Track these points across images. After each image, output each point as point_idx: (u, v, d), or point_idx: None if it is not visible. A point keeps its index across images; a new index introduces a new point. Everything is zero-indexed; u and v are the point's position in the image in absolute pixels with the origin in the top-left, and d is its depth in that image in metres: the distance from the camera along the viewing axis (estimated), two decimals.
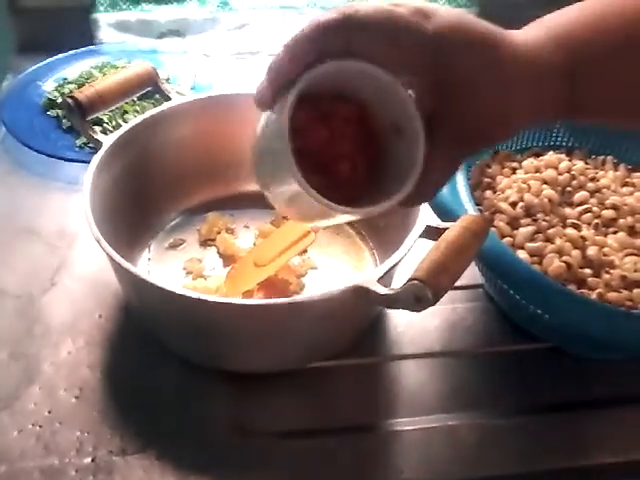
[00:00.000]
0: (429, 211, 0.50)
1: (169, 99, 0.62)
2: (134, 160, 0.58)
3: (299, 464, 0.46)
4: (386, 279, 0.45)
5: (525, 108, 0.37)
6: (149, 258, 0.60)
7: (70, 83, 0.80)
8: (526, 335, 0.54)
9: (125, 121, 0.73)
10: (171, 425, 0.47)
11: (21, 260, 0.60)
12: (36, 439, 0.46)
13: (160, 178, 0.61)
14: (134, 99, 0.73)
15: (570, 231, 0.53)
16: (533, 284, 0.47)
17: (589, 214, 0.56)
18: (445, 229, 0.43)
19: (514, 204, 0.55)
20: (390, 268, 0.45)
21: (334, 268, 0.60)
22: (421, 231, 0.47)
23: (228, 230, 0.62)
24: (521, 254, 0.52)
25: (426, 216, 0.49)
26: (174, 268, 0.59)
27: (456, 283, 0.40)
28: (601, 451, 0.48)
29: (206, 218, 0.62)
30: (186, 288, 0.54)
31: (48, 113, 0.78)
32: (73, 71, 0.83)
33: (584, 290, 0.50)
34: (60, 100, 0.77)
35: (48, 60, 0.85)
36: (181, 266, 0.59)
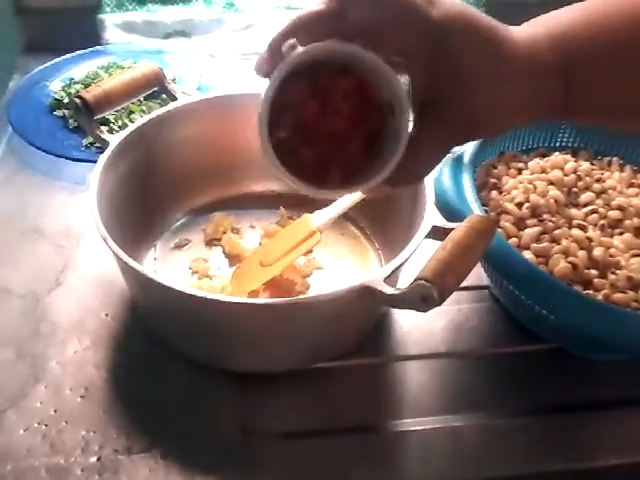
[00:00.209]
0: (435, 211, 0.50)
1: (175, 99, 0.62)
2: (140, 160, 0.58)
3: (303, 464, 0.46)
4: (392, 279, 0.45)
5: (519, 104, 0.37)
6: (155, 258, 0.60)
7: (77, 83, 0.80)
8: (531, 336, 0.54)
9: (131, 121, 0.73)
10: (177, 424, 0.47)
11: (27, 259, 0.60)
12: (42, 438, 0.46)
13: (166, 178, 0.61)
14: (140, 99, 0.74)
15: (576, 232, 0.53)
16: (539, 285, 0.47)
17: (595, 215, 0.55)
18: (451, 229, 0.43)
19: (520, 205, 0.55)
20: (396, 268, 0.45)
21: (340, 268, 0.60)
22: (427, 231, 0.47)
23: (234, 230, 0.62)
24: (527, 255, 0.52)
25: (432, 216, 0.48)
26: (180, 268, 0.59)
27: (462, 284, 0.40)
28: (606, 453, 0.48)
29: (212, 218, 0.62)
30: (192, 288, 0.54)
31: (54, 113, 0.78)
32: (79, 71, 0.84)
33: (590, 291, 0.50)
34: (66, 100, 0.78)
35: (54, 60, 0.85)
36: (187, 266, 0.59)
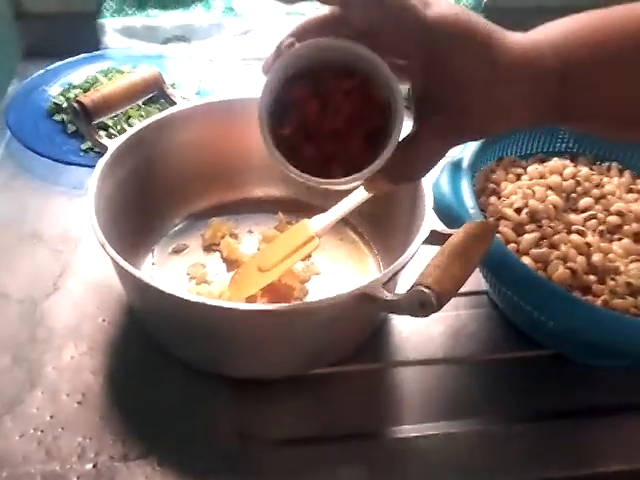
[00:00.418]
0: (434, 217, 0.50)
1: (174, 104, 0.62)
2: (139, 164, 0.58)
3: (302, 471, 0.45)
4: (390, 284, 0.45)
5: (516, 108, 0.38)
6: (153, 263, 0.60)
7: (75, 88, 0.80)
8: (530, 342, 0.54)
9: (130, 126, 0.73)
10: (174, 430, 0.47)
11: (25, 264, 0.60)
12: (38, 444, 0.46)
13: (164, 183, 0.61)
14: (139, 104, 0.73)
15: (575, 237, 0.53)
16: (537, 290, 0.47)
17: (594, 220, 0.55)
18: (450, 235, 0.43)
19: (519, 210, 0.55)
20: (394, 273, 0.45)
21: (338, 273, 0.60)
22: (426, 236, 0.47)
23: (232, 235, 0.62)
24: (526, 260, 0.52)
25: (431, 221, 0.48)
26: (178, 273, 0.59)
27: (460, 289, 0.40)
28: (606, 459, 0.48)
29: (210, 223, 0.62)
30: (189, 293, 0.54)
31: (53, 118, 0.78)
32: (78, 76, 0.84)
33: (589, 297, 0.50)
34: (65, 105, 0.78)
35: (54, 65, 0.86)
36: (185, 271, 0.59)
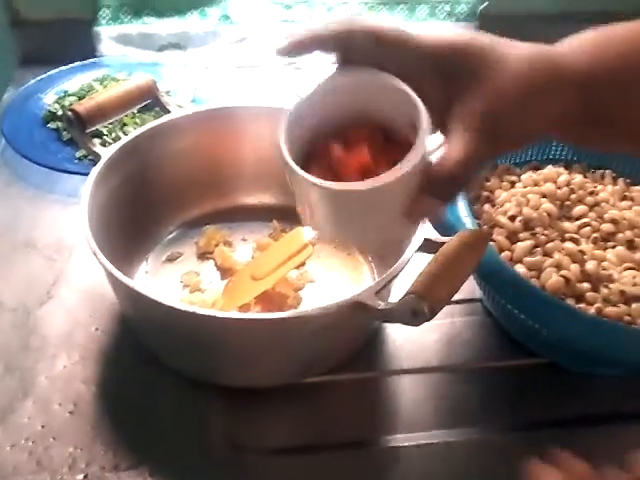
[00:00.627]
0: (427, 225, 0.49)
1: (168, 112, 0.62)
2: (133, 172, 0.58)
3: None
4: (384, 293, 0.44)
5: (543, 114, 0.37)
6: (146, 271, 0.59)
7: (71, 95, 0.80)
8: (524, 350, 0.53)
9: (125, 133, 0.73)
10: (166, 440, 0.47)
11: (18, 272, 0.60)
12: (29, 454, 0.45)
13: (158, 191, 0.61)
14: (134, 111, 0.74)
15: (569, 245, 0.53)
16: (531, 299, 0.47)
17: (588, 228, 0.55)
18: (443, 243, 0.43)
19: (513, 218, 0.55)
20: (387, 282, 0.45)
21: (332, 282, 0.59)
22: (419, 245, 0.47)
23: (226, 243, 0.62)
24: (519, 268, 0.51)
25: (424, 230, 0.48)
26: (171, 281, 0.58)
27: (454, 297, 0.40)
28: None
29: (204, 231, 0.62)
30: (183, 301, 0.54)
31: (48, 125, 0.78)
32: (74, 84, 0.84)
33: (582, 305, 0.50)
34: (60, 112, 0.78)
35: (49, 73, 0.85)
36: (178, 279, 0.59)
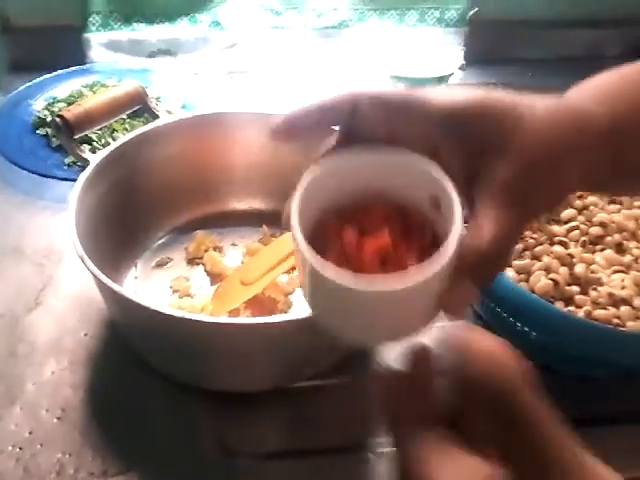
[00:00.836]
0: None
1: (157, 117, 0.62)
2: (121, 178, 0.58)
3: None
4: None
5: (565, 174, 0.33)
6: (136, 276, 0.59)
7: (60, 102, 0.80)
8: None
9: (114, 139, 0.73)
10: (155, 446, 0.47)
11: (6, 278, 0.60)
12: (16, 461, 0.45)
13: (147, 196, 0.61)
14: (124, 117, 0.74)
15: (557, 248, 0.53)
16: (519, 302, 0.47)
17: (576, 231, 0.56)
18: None
19: None
20: None
21: None
22: None
23: (215, 248, 0.62)
24: (509, 272, 0.52)
25: None
26: (161, 286, 0.58)
27: None
28: None
29: (193, 236, 0.62)
30: (172, 307, 0.54)
31: (37, 132, 0.78)
32: (63, 90, 0.84)
33: (571, 307, 0.50)
34: (49, 119, 0.77)
35: (39, 79, 0.86)
36: (168, 284, 0.58)
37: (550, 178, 0.32)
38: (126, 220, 0.59)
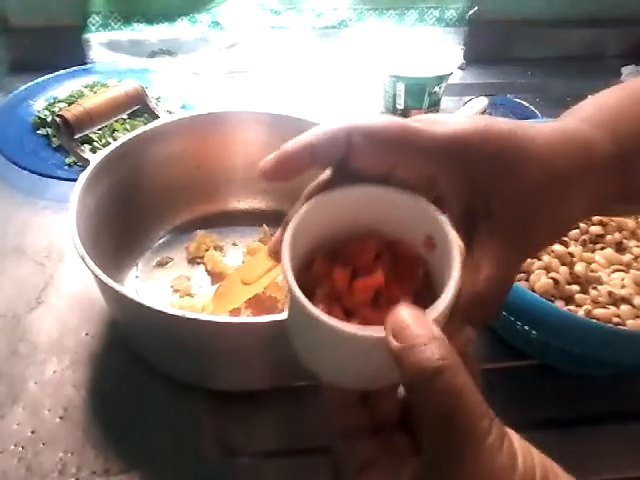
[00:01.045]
0: None
1: (157, 117, 0.62)
2: (122, 178, 0.58)
3: None
4: None
5: (572, 203, 0.32)
6: (137, 276, 0.59)
7: (60, 102, 0.81)
8: (515, 352, 0.54)
9: (115, 139, 0.73)
10: (156, 444, 0.47)
11: (8, 278, 0.60)
12: (18, 460, 0.45)
13: (148, 196, 0.61)
14: (124, 117, 0.74)
15: (558, 247, 0.53)
16: (520, 300, 0.47)
17: (576, 230, 0.56)
18: None
19: None
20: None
21: None
22: None
23: (216, 248, 0.62)
24: None
25: None
26: (162, 286, 0.58)
27: None
28: (595, 467, 0.47)
29: (194, 236, 0.62)
30: (173, 306, 0.54)
31: (38, 132, 0.78)
32: (64, 90, 0.84)
33: (571, 306, 0.50)
34: (50, 119, 0.77)
35: (39, 79, 0.86)
36: (169, 284, 0.59)
37: (555, 210, 0.31)
38: (127, 220, 0.59)
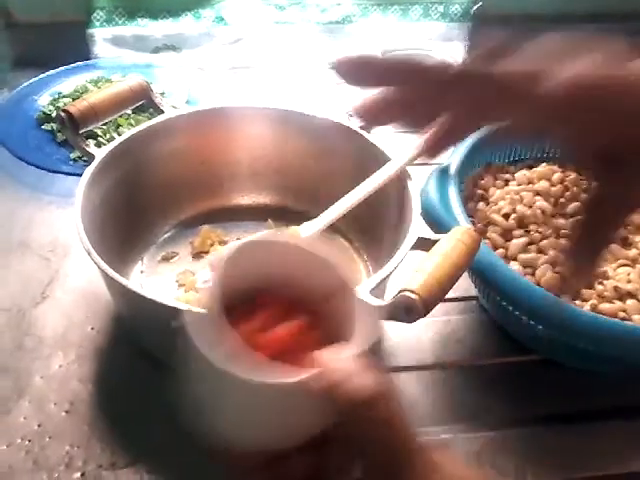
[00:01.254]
0: (421, 223, 0.50)
1: (162, 112, 0.62)
2: (127, 173, 0.58)
3: None
4: (378, 290, 0.44)
5: None
6: (142, 271, 0.59)
7: (65, 97, 0.80)
8: (520, 347, 0.54)
9: (119, 134, 0.73)
10: (162, 438, 0.47)
11: (13, 273, 0.60)
12: (25, 454, 0.45)
13: (153, 191, 0.61)
14: (128, 112, 0.74)
15: (564, 242, 0.53)
16: (526, 295, 0.47)
17: None
18: (437, 241, 0.43)
19: (507, 215, 0.55)
20: (382, 280, 0.45)
21: None
22: (413, 243, 0.47)
23: (221, 243, 0.62)
24: (514, 265, 0.52)
25: (418, 228, 0.48)
26: (167, 281, 0.58)
27: (450, 295, 0.40)
28: (598, 463, 0.48)
29: (199, 231, 0.62)
30: (178, 300, 0.54)
31: (43, 127, 0.78)
32: (68, 85, 0.84)
33: (577, 301, 0.50)
34: (54, 114, 0.77)
35: (43, 75, 0.86)
36: (174, 279, 0.59)
37: None
38: (132, 214, 0.59)
